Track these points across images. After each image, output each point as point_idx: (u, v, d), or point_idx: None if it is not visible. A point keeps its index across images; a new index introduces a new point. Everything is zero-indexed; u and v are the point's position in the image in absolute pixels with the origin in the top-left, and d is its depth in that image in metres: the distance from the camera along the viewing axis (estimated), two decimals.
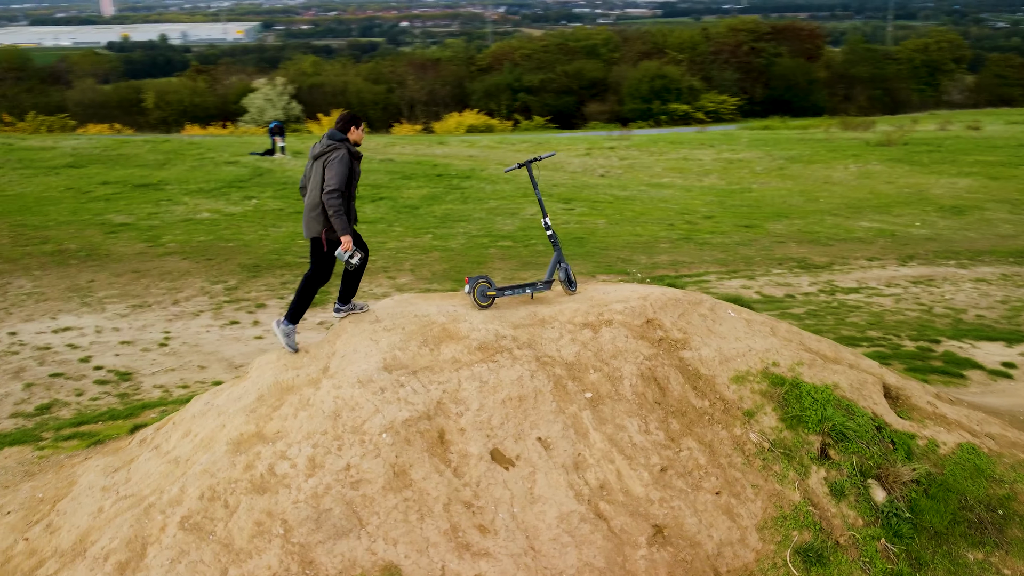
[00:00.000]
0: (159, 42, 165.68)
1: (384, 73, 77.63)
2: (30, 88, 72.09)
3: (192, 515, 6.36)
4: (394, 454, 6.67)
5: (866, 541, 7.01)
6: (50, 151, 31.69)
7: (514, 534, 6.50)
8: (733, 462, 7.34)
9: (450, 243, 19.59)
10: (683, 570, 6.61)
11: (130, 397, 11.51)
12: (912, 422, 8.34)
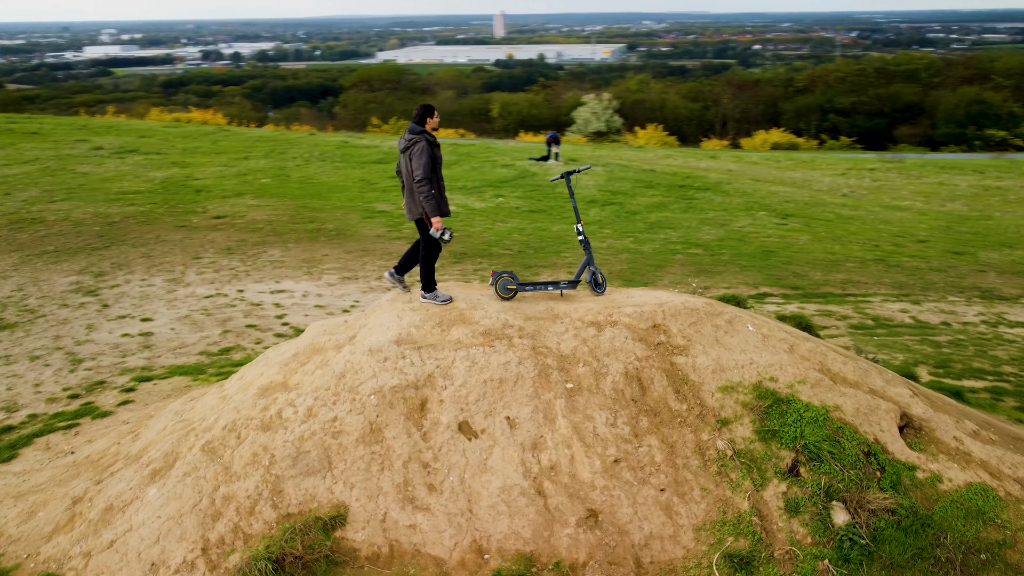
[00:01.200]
0: (536, 60, 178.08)
1: (703, 91, 78.99)
2: (401, 97, 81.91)
3: (213, 441, 7.61)
4: (375, 413, 7.50)
5: (806, 559, 6.83)
6: (370, 149, 35.14)
7: (457, 496, 7.11)
8: (689, 464, 7.41)
9: (644, 247, 19.83)
10: (603, 554, 6.88)
11: None
12: (923, 454, 7.83)
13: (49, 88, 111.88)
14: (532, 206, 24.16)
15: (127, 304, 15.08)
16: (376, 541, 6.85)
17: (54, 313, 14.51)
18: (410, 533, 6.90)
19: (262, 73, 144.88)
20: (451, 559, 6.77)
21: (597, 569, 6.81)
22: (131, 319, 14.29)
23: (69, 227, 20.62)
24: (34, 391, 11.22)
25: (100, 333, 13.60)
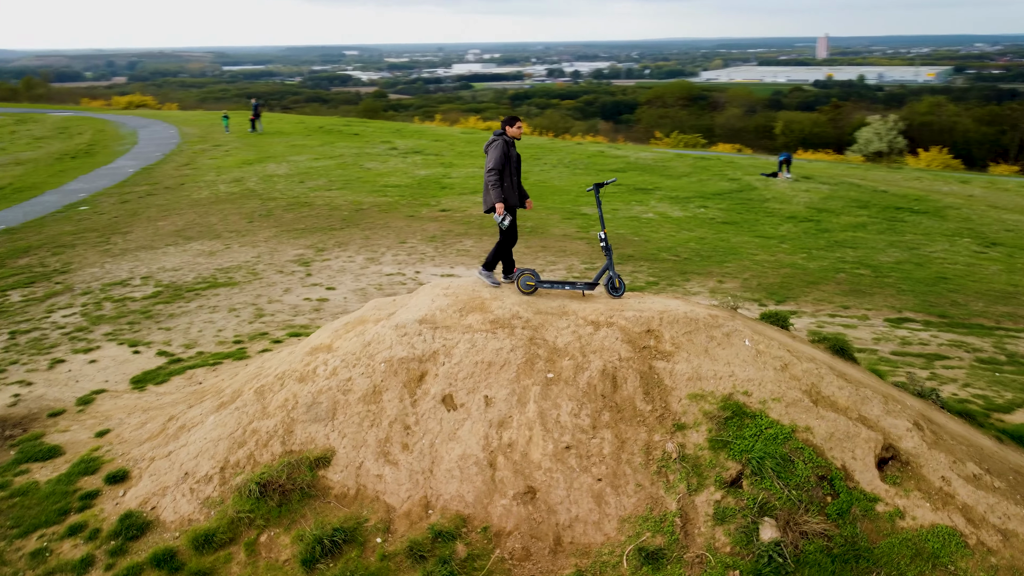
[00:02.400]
0: (856, 81, 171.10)
1: (1002, 115, 72.35)
2: (691, 113, 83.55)
3: (264, 386, 8.99)
4: (380, 378, 8.45)
5: (717, 566, 6.81)
6: (617, 159, 35.78)
7: (424, 457, 7.87)
8: (632, 460, 7.58)
9: (812, 263, 18.91)
10: (528, 527, 7.32)
11: None
12: (895, 488, 7.35)
13: (420, 98, 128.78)
14: (727, 218, 23.67)
15: (324, 275, 17.22)
16: (348, 484, 7.82)
17: (269, 277, 17.01)
18: (376, 481, 7.79)
19: (595, 89, 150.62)
20: (400, 509, 7.57)
21: (518, 539, 7.28)
22: (319, 287, 16.36)
23: (326, 211, 23.64)
24: (214, 335, 13.48)
25: (290, 296, 15.77)
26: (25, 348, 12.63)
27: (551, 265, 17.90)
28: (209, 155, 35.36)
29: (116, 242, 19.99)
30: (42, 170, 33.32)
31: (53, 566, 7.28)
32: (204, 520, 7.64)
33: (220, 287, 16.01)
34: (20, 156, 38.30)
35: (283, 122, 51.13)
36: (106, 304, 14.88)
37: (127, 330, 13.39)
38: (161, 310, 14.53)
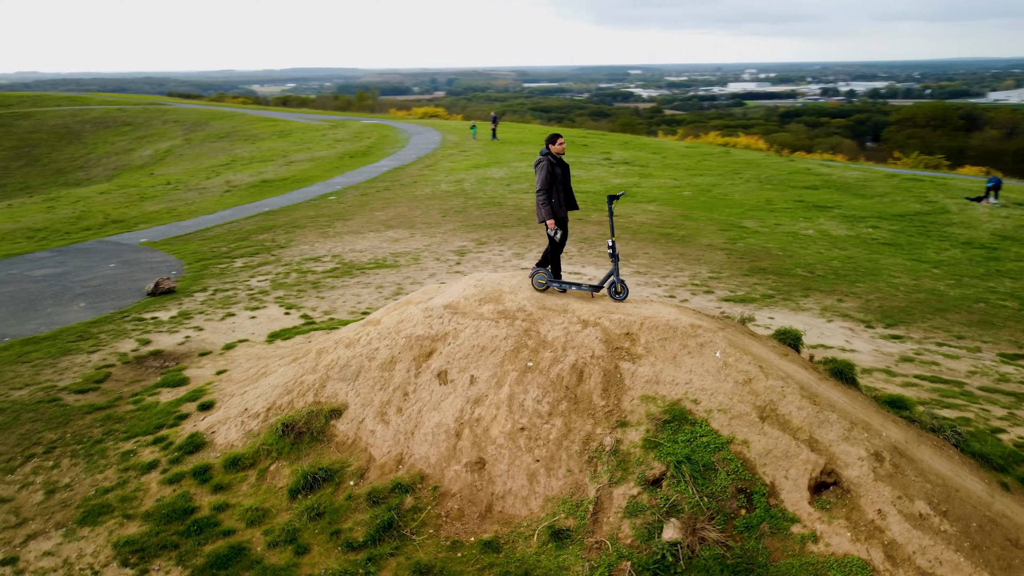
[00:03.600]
0: None
1: None
2: (942, 135, 76.10)
3: (323, 348, 10.27)
4: (398, 350, 9.36)
5: (614, 555, 6.93)
6: (819, 177, 33.86)
7: (410, 421, 8.66)
8: (570, 448, 7.79)
9: (953, 291, 16.78)
10: (469, 492, 7.85)
11: None
12: (820, 512, 6.96)
13: (693, 114, 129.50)
14: (892, 239, 21.49)
15: (470, 265, 18.38)
16: (348, 434, 8.82)
17: (426, 263, 18.51)
18: (369, 436, 8.72)
19: (869, 108, 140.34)
20: (379, 461, 8.44)
21: (457, 501, 7.84)
22: (458, 275, 17.53)
23: (510, 210, 25.02)
24: (352, 305, 15.13)
25: (431, 280, 17.07)
26: (217, 302, 15.18)
27: (678, 272, 17.66)
28: (451, 159, 38.35)
29: (336, 226, 22.78)
30: (324, 166, 38.22)
31: (130, 464, 9.07)
32: (240, 447, 9.05)
33: (384, 268, 17.78)
34: (316, 154, 44.11)
35: (527, 132, 53.63)
36: (292, 274, 17.24)
37: (292, 296, 15.51)
38: (328, 282, 16.56)
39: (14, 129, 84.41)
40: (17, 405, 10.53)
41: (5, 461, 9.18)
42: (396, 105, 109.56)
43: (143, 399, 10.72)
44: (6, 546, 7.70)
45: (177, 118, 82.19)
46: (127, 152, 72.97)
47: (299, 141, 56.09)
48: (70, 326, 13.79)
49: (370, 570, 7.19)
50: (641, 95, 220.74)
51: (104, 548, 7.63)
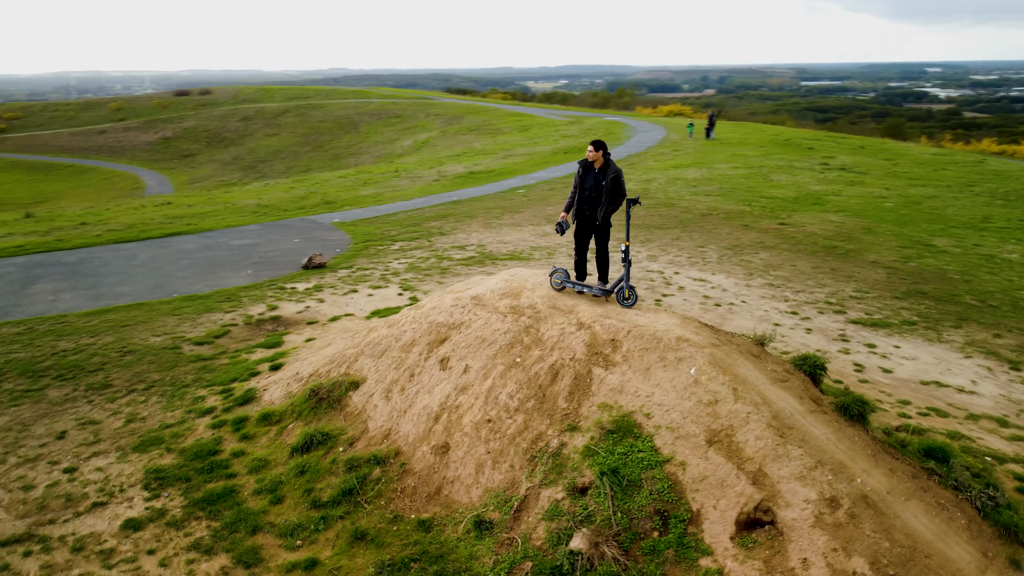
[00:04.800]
0: None
1: None
2: None
3: (374, 326, 11.08)
4: (419, 334, 9.89)
5: (520, 553, 6.99)
6: None
7: (407, 400, 9.17)
8: (520, 445, 7.84)
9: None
10: (427, 473, 8.20)
11: None
12: (740, 551, 6.49)
13: (999, 117, 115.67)
14: None
15: None
16: (358, 405, 9.53)
17: (557, 258, 18.51)
18: (372, 409, 9.36)
19: None
20: (370, 432, 9.04)
21: (415, 479, 8.22)
22: None
23: (677, 212, 24.41)
24: None
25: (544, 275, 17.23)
26: (351, 279, 16.67)
27: (818, 287, 16.23)
28: (656, 158, 37.77)
29: (503, 218, 23.68)
30: (535, 160, 39.55)
31: (194, 408, 10.51)
32: (277, 405, 10.13)
33: (515, 260, 18.26)
34: (536, 149, 45.71)
35: (755, 132, 50.77)
36: (431, 260, 18.35)
37: (417, 279, 16.57)
38: (456, 269, 17.42)
39: (307, 119, 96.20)
40: (146, 349, 12.58)
41: (113, 392, 11.09)
42: (663, 102, 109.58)
43: (239, 356, 12.27)
44: (75, 458, 9.39)
45: (439, 112, 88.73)
46: (392, 142, 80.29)
47: (533, 136, 58.26)
48: (226, 288, 16.00)
49: (319, 527, 7.84)
50: (937, 95, 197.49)
51: (138, 472, 9.04)
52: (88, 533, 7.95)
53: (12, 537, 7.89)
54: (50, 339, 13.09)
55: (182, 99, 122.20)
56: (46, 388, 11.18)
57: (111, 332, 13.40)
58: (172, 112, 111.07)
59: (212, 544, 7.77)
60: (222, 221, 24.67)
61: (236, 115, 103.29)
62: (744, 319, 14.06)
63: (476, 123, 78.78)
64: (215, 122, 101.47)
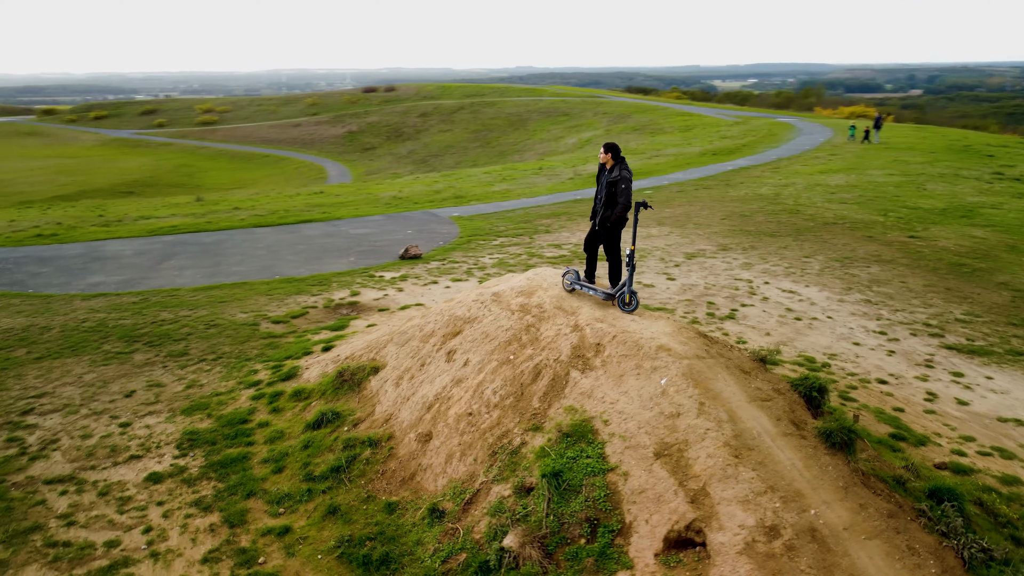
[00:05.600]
0: None
1: None
2: None
3: (413, 316, 11.53)
4: (439, 326, 10.21)
5: (457, 544, 7.16)
6: None
7: (412, 388, 9.52)
8: (487, 440, 7.95)
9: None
10: (408, 459, 8.51)
11: None
12: (661, 568, 6.33)
13: None
14: None
15: (689, 267, 17.69)
16: (373, 390, 10.01)
17: (648, 262, 18.32)
18: (383, 394, 9.79)
19: None
20: (375, 415, 9.48)
21: (395, 463, 8.56)
22: (664, 276, 16.99)
23: (799, 220, 23.22)
24: None
25: (644, 276, 16.90)
26: (438, 271, 17.27)
27: (922, 308, 14.91)
28: (807, 162, 35.69)
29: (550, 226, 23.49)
30: (678, 162, 38.64)
31: (246, 380, 11.44)
32: (311, 383, 10.84)
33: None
34: (686, 150, 44.71)
35: (932, 136, 46.28)
36: (522, 256, 18.58)
37: (498, 273, 16.85)
38: (540, 267, 17.57)
39: (480, 116, 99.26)
40: (229, 324, 13.81)
41: (186, 360, 12.30)
42: (857, 103, 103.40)
43: (304, 336, 13.18)
44: (132, 415, 10.56)
45: (607, 110, 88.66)
46: (557, 139, 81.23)
47: (690, 136, 56.86)
48: (323, 273, 17.14)
49: (303, 499, 8.39)
50: None
51: (177, 432, 10.03)
52: (116, 481, 8.96)
53: (57, 477, 9.06)
54: (156, 309, 14.70)
55: (369, 95, 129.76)
56: (134, 352, 12.60)
57: (208, 307, 14.81)
58: (359, 108, 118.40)
59: (211, 503, 8.52)
60: (354, 211, 26.26)
61: (415, 111, 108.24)
62: (819, 335, 13.21)
63: (641, 122, 77.98)
64: (396, 117, 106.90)
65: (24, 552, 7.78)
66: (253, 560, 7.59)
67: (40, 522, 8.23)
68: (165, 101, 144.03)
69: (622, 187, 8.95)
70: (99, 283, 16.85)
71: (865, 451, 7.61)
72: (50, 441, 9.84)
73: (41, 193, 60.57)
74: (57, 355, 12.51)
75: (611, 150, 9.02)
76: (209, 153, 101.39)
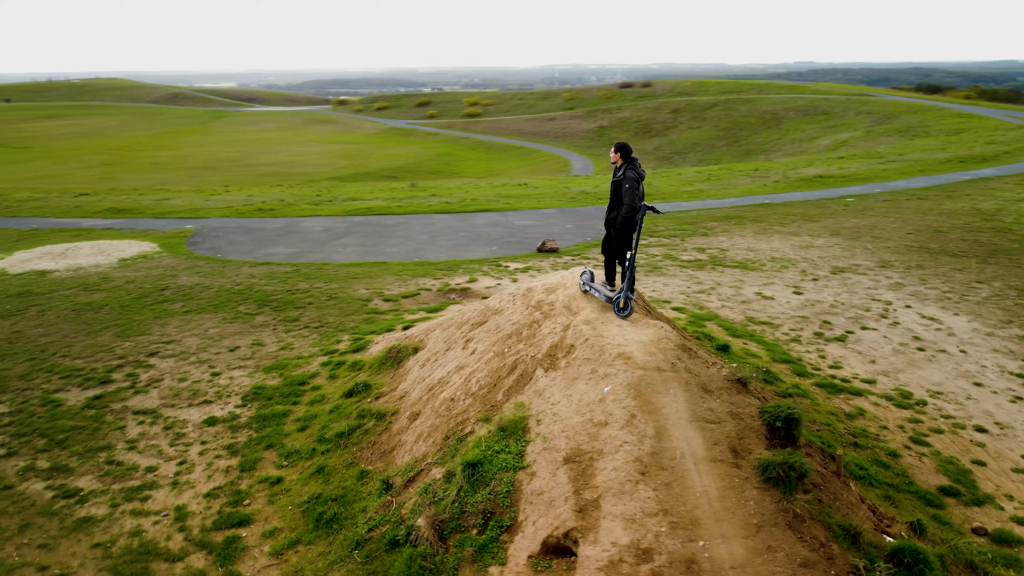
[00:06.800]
0: None
1: None
2: None
3: (469, 306, 12.03)
4: (474, 316, 10.60)
5: (388, 518, 7.64)
6: None
7: (430, 370, 10.02)
8: (448, 424, 8.28)
9: None
10: (396, 434, 9.05)
11: None
12: (528, 570, 6.37)
13: None
14: None
15: (820, 285, 16.10)
16: (408, 367, 10.65)
17: (784, 273, 16.96)
18: (410, 374, 10.40)
19: None
20: (396, 390, 10.12)
21: (387, 436, 9.14)
22: (797, 294, 15.63)
23: (1001, 240, 20.18)
24: (649, 289, 15.49)
25: (747, 289, 15.70)
26: (561, 266, 17.46)
27: None
28: None
29: (788, 226, 21.94)
30: (908, 167, 34.75)
31: (327, 347, 12.62)
32: (370, 357, 11.78)
33: (737, 268, 17.08)
34: (932, 155, 39.95)
35: None
36: (657, 258, 18.13)
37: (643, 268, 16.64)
38: (671, 270, 17.00)
39: (732, 113, 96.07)
40: (348, 298, 15.22)
41: (294, 325, 13.83)
42: None
43: (401, 315, 14.18)
44: (225, 367, 12.18)
45: (872, 110, 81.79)
46: (810, 140, 76.60)
47: (954, 140, 50.70)
48: (457, 259, 18.11)
49: (305, 457, 9.27)
50: None
51: (248, 386, 11.45)
52: (182, 419, 10.52)
53: (144, 409, 10.82)
54: (297, 279, 16.58)
55: (625, 91, 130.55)
56: (259, 314, 14.42)
57: (340, 281, 16.42)
58: (612, 103, 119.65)
59: (239, 449, 9.73)
60: (535, 203, 27.14)
61: (667, 107, 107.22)
62: (934, 370, 11.66)
63: (908, 124, 71.11)
64: (647, 113, 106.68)
65: (88, 464, 9.48)
66: (240, 502, 8.61)
67: (111, 443, 9.94)
68: (438, 94, 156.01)
69: (626, 187, 8.74)
70: (274, 253, 19.27)
71: (818, 491, 6.90)
72: (155, 380, 11.71)
73: (320, 174, 68.44)
74: (201, 311, 14.69)
75: (620, 150, 8.86)
76: (469, 144, 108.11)
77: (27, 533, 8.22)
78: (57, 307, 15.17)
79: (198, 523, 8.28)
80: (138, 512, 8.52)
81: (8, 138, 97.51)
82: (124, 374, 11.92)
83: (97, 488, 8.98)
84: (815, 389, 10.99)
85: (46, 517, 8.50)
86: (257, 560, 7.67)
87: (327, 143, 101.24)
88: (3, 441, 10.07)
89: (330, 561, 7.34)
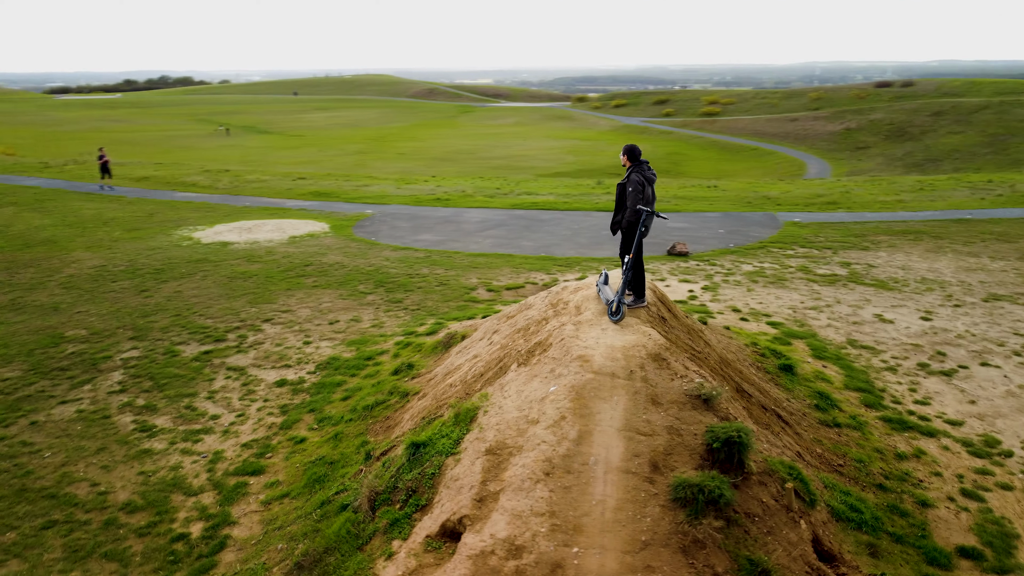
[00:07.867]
0: None
1: None
2: None
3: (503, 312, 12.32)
4: (514, 310, 10.94)
5: (354, 485, 8.32)
6: None
7: (460, 357, 10.57)
8: (429, 406, 8.78)
9: None
10: (403, 411, 9.73)
11: None
12: (418, 548, 6.68)
13: None
14: None
15: (894, 302, 14.16)
16: (451, 353, 11.23)
17: (869, 288, 15.12)
18: (448, 359, 11.00)
19: None
20: (431, 372, 10.77)
21: (399, 412, 9.82)
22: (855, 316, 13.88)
23: None
24: (730, 297, 14.59)
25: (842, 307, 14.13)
26: (678, 271, 16.93)
27: None
28: None
29: (968, 246, 19.42)
30: None
31: (410, 329, 13.50)
32: (431, 340, 12.50)
33: (882, 288, 15.53)
34: None
35: None
36: (778, 271, 16.95)
37: (724, 284, 15.85)
38: (793, 283, 15.89)
39: (1007, 117, 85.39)
40: (456, 285, 16.04)
41: (394, 305, 14.90)
42: None
43: (494, 305, 14.72)
44: (318, 338, 13.48)
45: None
46: None
47: None
48: (579, 257, 18.26)
49: (332, 424, 10.18)
50: None
51: (326, 356, 12.64)
52: (260, 379, 11.92)
53: (236, 367, 12.37)
54: (422, 265, 17.73)
55: (880, 91, 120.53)
56: (371, 294, 15.70)
57: (460, 269, 17.31)
58: (864, 104, 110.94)
59: (289, 409, 10.88)
60: (707, 206, 26.37)
61: (927, 109, 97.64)
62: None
63: None
64: (903, 115, 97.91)
65: (172, 406, 11.12)
66: (264, 454, 9.71)
67: (196, 391, 11.54)
68: (676, 92, 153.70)
69: (629, 191, 8.64)
70: (421, 240, 20.68)
71: (750, 521, 6.53)
72: (258, 343, 13.30)
73: (546, 168, 70.57)
74: (326, 287, 16.28)
75: (627, 152, 8.76)
76: (701, 143, 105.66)
77: (100, 455, 9.88)
78: (218, 273, 17.55)
79: (224, 467, 9.48)
80: (186, 451, 9.89)
81: (288, 127, 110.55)
82: (237, 335, 13.65)
83: (168, 427, 10.52)
84: (876, 423, 10.04)
85: (119, 444, 10.14)
86: (249, 505, 8.67)
87: (559, 139, 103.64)
88: (122, 379, 12.05)
89: (297, 515, 8.15)
